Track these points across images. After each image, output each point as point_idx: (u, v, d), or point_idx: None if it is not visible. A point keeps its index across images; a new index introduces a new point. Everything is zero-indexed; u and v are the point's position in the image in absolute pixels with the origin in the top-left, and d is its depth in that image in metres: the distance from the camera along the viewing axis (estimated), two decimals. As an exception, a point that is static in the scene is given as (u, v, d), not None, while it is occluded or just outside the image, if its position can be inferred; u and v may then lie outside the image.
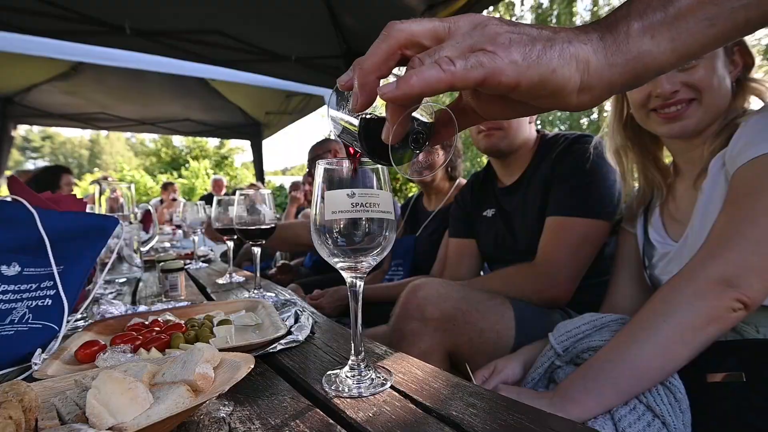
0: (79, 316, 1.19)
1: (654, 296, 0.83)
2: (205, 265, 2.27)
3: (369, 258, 0.63)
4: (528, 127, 1.48)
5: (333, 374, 0.70)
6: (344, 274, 0.65)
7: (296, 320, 0.94)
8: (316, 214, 0.62)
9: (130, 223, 1.93)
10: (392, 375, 0.69)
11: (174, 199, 7.19)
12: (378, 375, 0.68)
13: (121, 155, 35.80)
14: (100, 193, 1.88)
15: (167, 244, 3.36)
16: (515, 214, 1.47)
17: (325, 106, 0.61)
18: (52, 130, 33.61)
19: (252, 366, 0.62)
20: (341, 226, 0.61)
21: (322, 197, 0.61)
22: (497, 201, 1.57)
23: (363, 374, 0.67)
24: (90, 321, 1.15)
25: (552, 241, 1.26)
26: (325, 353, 0.81)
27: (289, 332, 0.88)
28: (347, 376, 0.67)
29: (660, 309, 0.80)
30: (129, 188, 1.96)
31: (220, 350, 0.77)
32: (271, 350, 0.81)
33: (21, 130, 32.26)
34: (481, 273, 1.76)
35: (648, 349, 0.78)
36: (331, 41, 3.82)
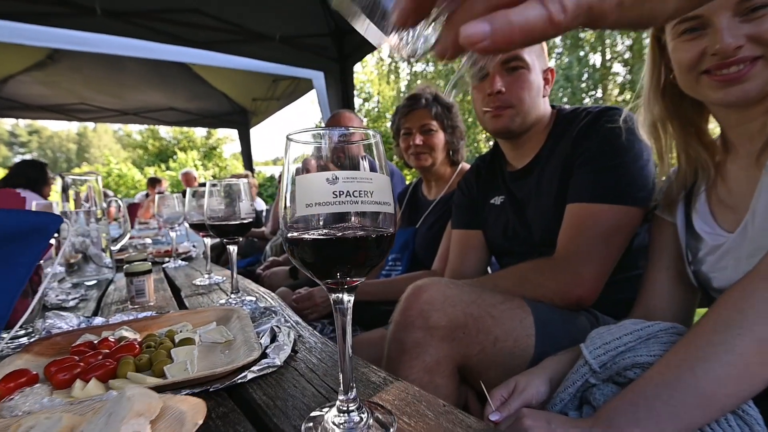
0: (22, 332, 1.03)
1: (722, 302, 0.66)
2: (184, 263, 2.09)
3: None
4: (542, 102, 1.30)
5: (316, 417, 0.53)
6: (327, 287, 0.48)
7: (273, 338, 0.77)
8: (285, 207, 0.44)
9: (98, 219, 1.74)
10: (394, 418, 0.52)
11: (160, 192, 6.96)
12: (374, 420, 0.51)
13: (108, 148, 35.24)
14: (64, 188, 1.68)
15: (148, 240, 3.16)
16: (528, 201, 1.30)
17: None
18: (39, 124, 33.30)
19: (200, 421, 0.45)
20: (320, 223, 0.43)
21: (293, 184, 0.43)
22: (507, 187, 1.40)
23: (354, 420, 0.50)
24: (36, 337, 0.99)
25: (575, 232, 1.09)
26: (309, 382, 0.64)
27: (264, 354, 0.70)
28: (334, 423, 0.50)
29: (732, 319, 0.63)
30: (97, 181, 1.76)
31: (170, 386, 0.60)
32: (240, 380, 0.63)
33: (7, 125, 31.92)
34: (488, 269, 1.59)
35: (717, 370, 0.62)
36: (318, 18, 3.60)
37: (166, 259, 2.19)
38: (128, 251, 2.75)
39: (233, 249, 1.18)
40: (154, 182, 7.84)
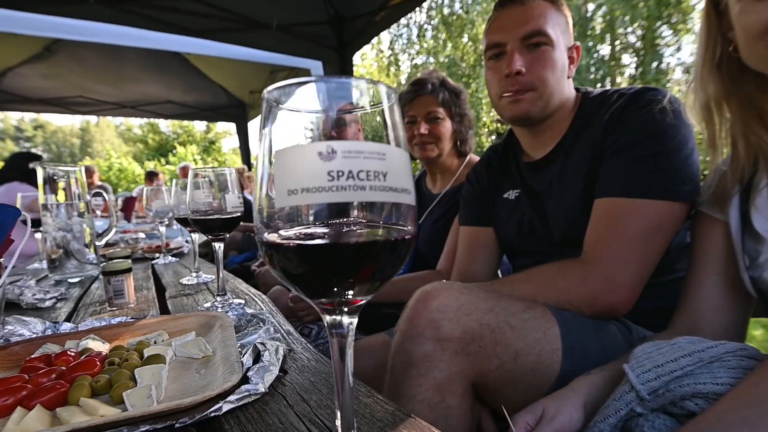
0: (-21, 339, 0.91)
1: None
2: (174, 259, 1.97)
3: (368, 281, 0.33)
4: (566, 84, 1.16)
5: (307, 471, 0.41)
6: (320, 307, 0.35)
7: (257, 357, 0.64)
8: (260, 197, 0.32)
9: (81, 212, 1.62)
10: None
11: (158, 186, 6.84)
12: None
13: (110, 143, 35.16)
14: (46, 180, 1.56)
15: (141, 235, 3.03)
16: (548, 194, 1.17)
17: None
18: (43, 119, 33.65)
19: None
20: (310, 219, 0.31)
21: (270, 162, 0.30)
22: (522, 179, 1.27)
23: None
24: (-6, 345, 0.87)
25: (607, 231, 0.95)
26: (299, 416, 0.52)
27: (245, 378, 0.58)
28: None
29: None
30: (81, 172, 1.64)
31: (126, 421, 0.47)
32: (214, 413, 0.51)
33: (13, 120, 32.25)
34: (499, 273, 1.46)
35: None
36: (316, 5, 3.44)
37: (156, 255, 2.07)
38: (119, 245, 2.63)
39: (219, 246, 1.05)
40: (151, 176, 7.74)
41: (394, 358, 0.88)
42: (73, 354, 0.71)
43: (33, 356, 0.73)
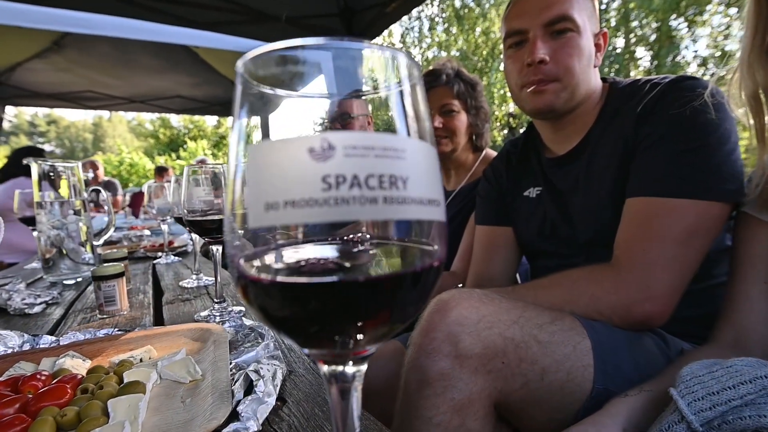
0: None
1: None
2: (177, 258, 1.90)
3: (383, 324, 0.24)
4: (593, 73, 1.05)
5: None
6: (316, 357, 0.27)
7: (250, 387, 0.55)
8: (231, 200, 0.23)
9: (76, 210, 1.55)
10: None
11: (167, 182, 6.79)
12: None
13: (122, 138, 35.45)
14: (41, 176, 1.49)
15: (146, 232, 2.98)
16: (573, 192, 1.07)
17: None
18: (56, 114, 34.06)
19: None
20: (299, 235, 0.22)
21: (245, 161, 0.22)
22: (544, 176, 1.17)
23: None
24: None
25: (641, 232, 0.86)
26: (296, 463, 0.43)
27: (234, 414, 0.49)
28: None
29: None
30: (78, 168, 1.58)
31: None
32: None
33: (27, 116, 32.67)
34: (517, 277, 1.36)
35: None
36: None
37: (159, 254, 2.00)
38: (122, 243, 2.57)
39: (217, 249, 0.97)
40: (161, 171, 7.70)
41: (407, 374, 0.80)
42: (44, 377, 0.62)
43: (2, 378, 0.65)
